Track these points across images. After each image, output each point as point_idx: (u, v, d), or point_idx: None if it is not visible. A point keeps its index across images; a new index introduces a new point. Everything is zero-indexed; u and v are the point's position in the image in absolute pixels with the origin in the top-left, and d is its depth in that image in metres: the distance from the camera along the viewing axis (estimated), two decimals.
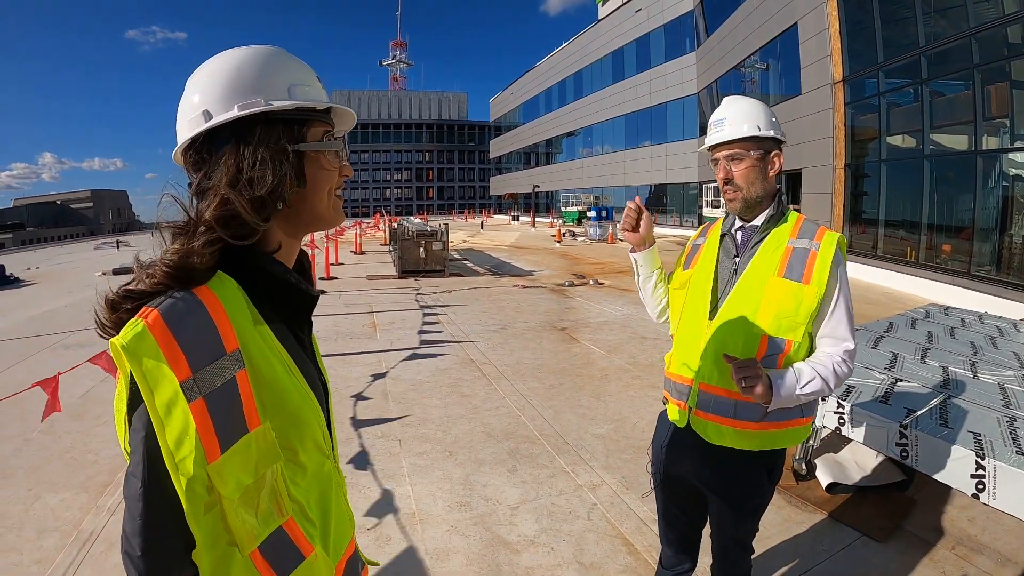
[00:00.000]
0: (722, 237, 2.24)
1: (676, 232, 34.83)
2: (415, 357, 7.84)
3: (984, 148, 12.22)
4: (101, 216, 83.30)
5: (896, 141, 15.69)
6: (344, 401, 6.07)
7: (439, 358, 7.81)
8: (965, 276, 12.23)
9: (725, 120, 2.12)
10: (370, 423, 5.52)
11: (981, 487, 3.01)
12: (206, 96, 1.02)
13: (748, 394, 1.91)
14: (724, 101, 2.19)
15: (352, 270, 17.91)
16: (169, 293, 0.92)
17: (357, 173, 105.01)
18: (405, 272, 16.23)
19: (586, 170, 51.13)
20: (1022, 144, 11.42)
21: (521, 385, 6.65)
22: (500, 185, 78.77)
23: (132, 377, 0.88)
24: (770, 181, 2.12)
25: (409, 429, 5.39)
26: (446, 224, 18.22)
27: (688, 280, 2.27)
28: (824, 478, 4.21)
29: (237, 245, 0.99)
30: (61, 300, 13.03)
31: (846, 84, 17.17)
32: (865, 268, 15.09)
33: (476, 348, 8.34)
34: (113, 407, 0.99)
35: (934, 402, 3.68)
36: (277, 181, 1.01)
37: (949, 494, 4.02)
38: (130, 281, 0.96)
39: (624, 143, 44.84)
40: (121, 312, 0.93)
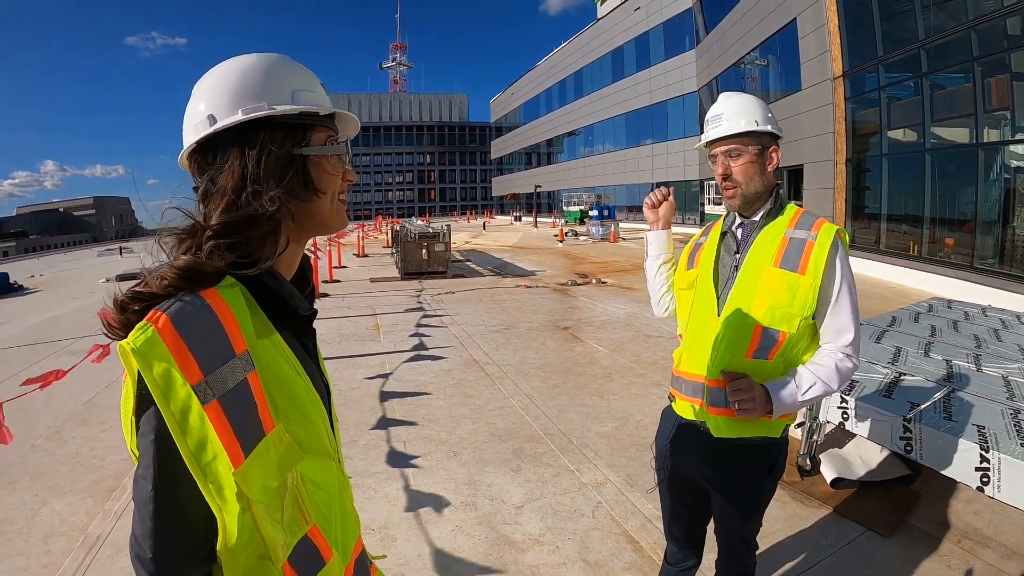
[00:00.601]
0: (723, 235, 2.25)
1: (678, 230, 34.75)
2: (419, 358, 7.85)
3: (985, 141, 12.19)
4: (104, 223, 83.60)
5: (897, 135, 15.66)
6: (348, 403, 6.07)
7: (443, 359, 7.81)
8: (968, 269, 12.21)
9: (722, 116, 2.12)
10: (374, 425, 5.53)
11: (986, 480, 3.01)
12: (211, 101, 1.04)
13: (743, 416, 1.94)
14: (720, 97, 2.19)
15: (355, 272, 17.95)
16: (178, 296, 0.92)
17: (359, 176, 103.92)
18: (408, 274, 16.24)
19: (587, 169, 51.13)
20: (1023, 136, 11.39)
21: (525, 385, 6.66)
22: (502, 186, 78.78)
23: (140, 381, 0.88)
24: (768, 176, 2.12)
25: (413, 430, 5.40)
26: (448, 225, 18.23)
27: (694, 280, 2.28)
28: (828, 473, 4.21)
29: (246, 273, 1.00)
30: (65, 307, 13.08)
31: (846, 79, 17.14)
32: (868, 263, 15.06)
33: (479, 348, 8.35)
34: (119, 412, 0.99)
35: (938, 396, 3.68)
36: (281, 184, 1.02)
37: (954, 488, 4.01)
38: (139, 283, 0.97)
39: (625, 142, 44.86)
40: (129, 314, 0.93)
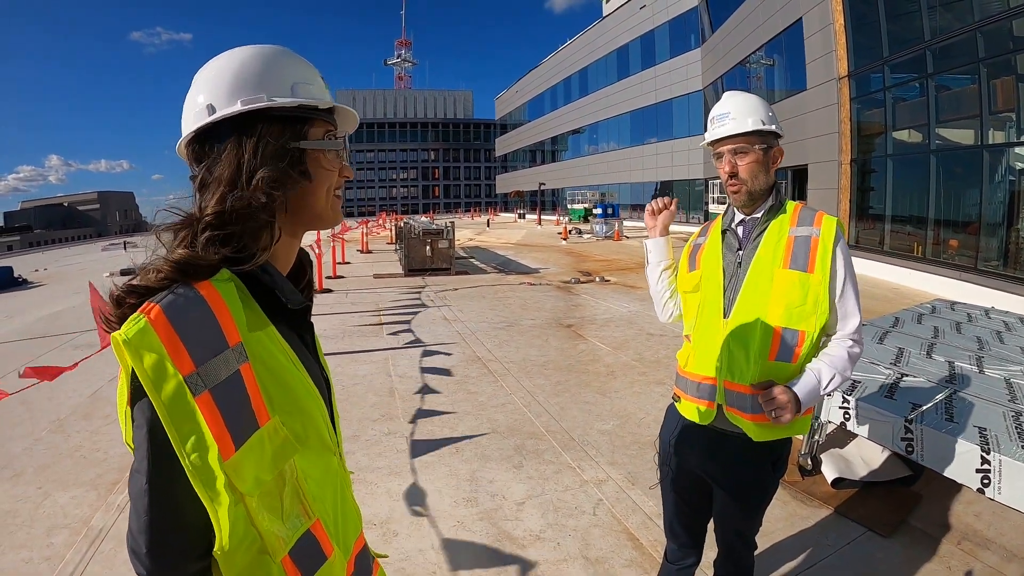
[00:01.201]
0: (723, 233, 2.27)
1: (682, 229, 34.59)
2: (421, 355, 7.86)
3: (991, 142, 12.15)
4: (108, 217, 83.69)
5: (902, 136, 15.62)
6: (351, 398, 6.09)
7: (446, 355, 7.83)
8: (972, 271, 12.17)
9: (729, 115, 2.13)
10: (377, 420, 5.54)
11: (987, 482, 3.01)
12: (211, 91, 1.04)
13: (778, 423, 1.97)
14: (724, 96, 2.20)
15: (359, 269, 17.98)
16: (172, 288, 0.93)
17: (363, 172, 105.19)
18: (412, 270, 16.26)
19: (592, 167, 51.07)
20: None
21: (527, 382, 6.67)
22: (506, 183, 78.76)
23: (133, 372, 0.89)
24: (771, 175, 2.14)
25: (416, 426, 5.42)
26: (452, 222, 18.24)
27: (698, 282, 2.28)
28: (829, 473, 4.21)
29: (241, 269, 1.00)
30: (69, 301, 13.10)
31: (851, 79, 17.09)
32: (872, 263, 15.03)
33: (482, 345, 8.36)
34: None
35: (940, 397, 3.68)
36: (277, 177, 1.02)
37: (955, 489, 4.01)
38: (135, 276, 0.97)
39: (630, 140, 44.78)
40: (125, 308, 0.93)
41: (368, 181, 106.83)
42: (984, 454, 3.00)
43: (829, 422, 4.11)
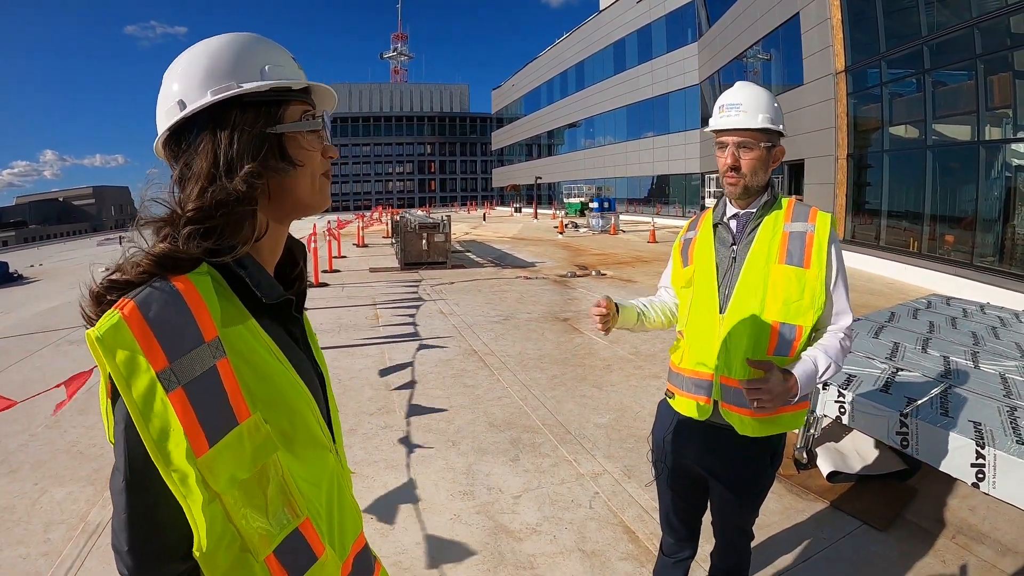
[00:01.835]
0: (715, 227, 2.26)
1: (679, 223, 34.75)
2: (418, 348, 7.86)
3: (987, 138, 12.19)
4: (103, 212, 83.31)
5: (899, 131, 15.65)
6: (347, 392, 6.09)
7: (442, 349, 7.83)
8: (967, 267, 12.21)
9: (740, 106, 2.11)
10: (373, 414, 5.55)
11: (981, 476, 3.03)
12: (181, 86, 1.02)
13: (760, 412, 2.01)
14: (737, 85, 2.18)
15: (355, 262, 17.95)
16: (149, 283, 0.91)
17: (359, 166, 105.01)
18: (408, 264, 16.24)
19: (588, 161, 51.05)
20: None
21: (524, 375, 6.68)
22: (502, 177, 78.66)
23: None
24: (769, 172, 2.14)
25: (412, 419, 5.42)
26: (448, 216, 18.20)
27: (691, 277, 2.28)
28: (825, 467, 4.22)
29: (221, 260, 0.98)
30: (65, 296, 13.05)
31: (848, 74, 17.11)
32: (867, 258, 15.05)
33: (479, 339, 8.37)
34: None
35: (935, 391, 3.69)
36: (256, 164, 1.00)
37: (950, 483, 4.02)
38: (114, 271, 0.96)
39: (626, 134, 44.79)
40: (105, 304, 0.91)
41: (364, 175, 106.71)
42: (979, 449, 3.02)
43: (824, 416, 4.13)
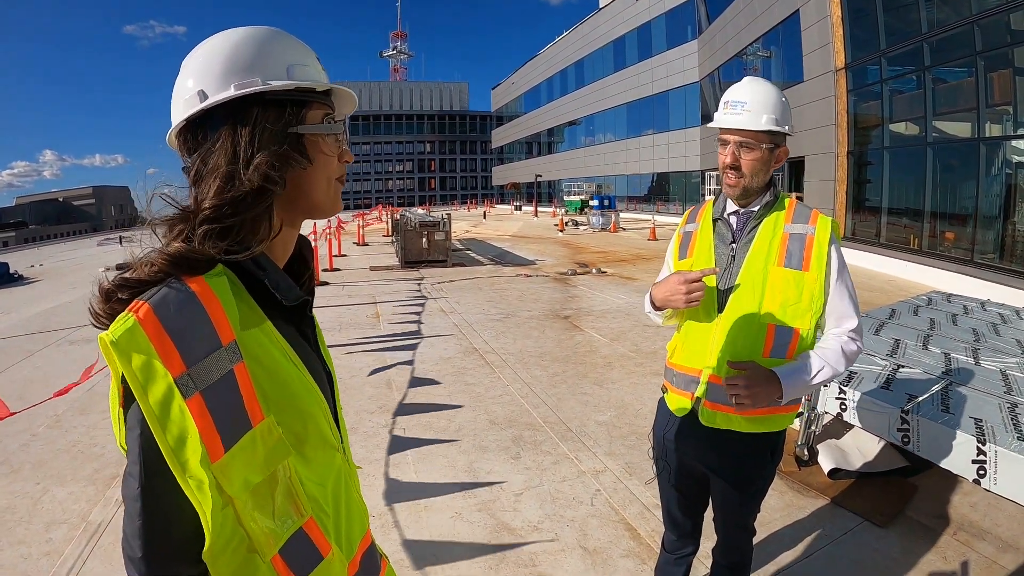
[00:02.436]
0: (714, 222, 2.24)
1: (670, 220, 34.72)
2: (419, 346, 7.87)
3: (987, 135, 12.17)
4: (104, 212, 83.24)
5: (899, 128, 15.63)
6: (348, 391, 6.09)
7: (443, 347, 7.83)
8: (968, 264, 12.20)
9: (745, 104, 2.06)
10: (374, 412, 5.55)
11: (982, 472, 3.03)
12: (202, 76, 0.99)
13: (740, 410, 2.00)
14: (745, 81, 2.12)
15: (355, 261, 17.95)
16: (164, 284, 0.89)
17: (359, 165, 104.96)
18: (408, 263, 16.24)
19: (588, 159, 51.01)
20: None
21: (524, 373, 6.68)
22: (502, 175, 78.62)
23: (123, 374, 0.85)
24: (771, 172, 2.12)
25: (413, 417, 5.42)
26: (449, 214, 18.19)
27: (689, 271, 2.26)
28: (826, 464, 4.22)
29: (236, 259, 0.96)
30: (65, 296, 13.07)
31: (848, 71, 17.10)
32: (868, 256, 15.05)
33: (479, 337, 8.37)
34: None
35: (936, 388, 3.69)
36: (275, 164, 0.97)
37: (951, 480, 4.02)
38: (127, 270, 0.94)
39: (626, 132, 44.74)
40: (115, 302, 0.90)
41: (364, 173, 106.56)
42: (980, 445, 3.02)
43: (826, 413, 4.13)
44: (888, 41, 15.27)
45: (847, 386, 3.84)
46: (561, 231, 28.45)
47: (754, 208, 2.14)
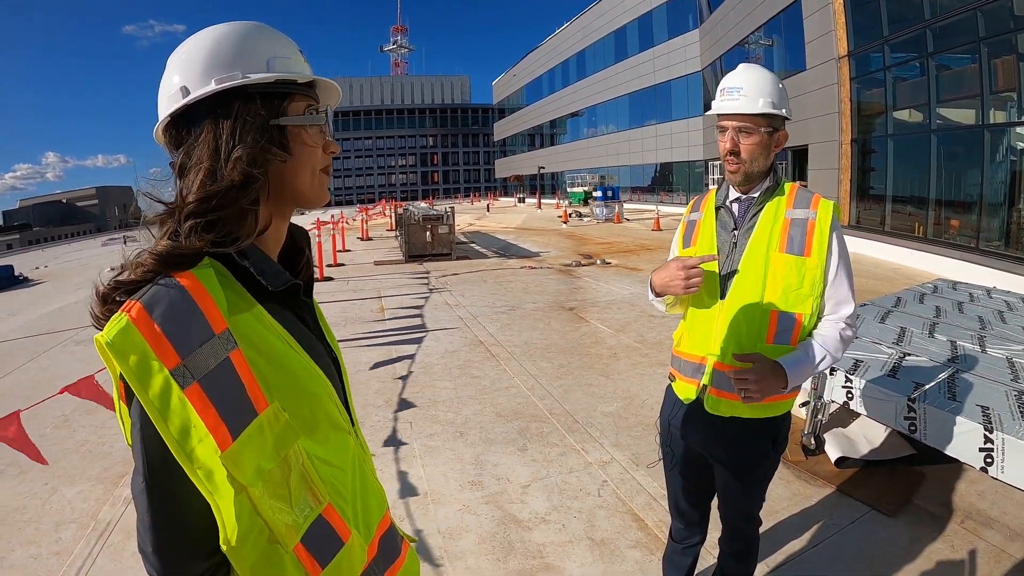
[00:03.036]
0: (717, 210, 2.24)
1: (683, 211, 34.49)
2: (424, 340, 7.88)
3: (991, 122, 12.09)
4: (107, 212, 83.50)
5: (903, 116, 15.54)
6: (354, 385, 6.08)
7: (448, 340, 7.85)
8: (973, 251, 12.14)
9: (741, 90, 2.07)
10: (380, 406, 5.57)
11: (989, 460, 3.03)
12: (185, 73, 1.01)
13: (748, 402, 1.99)
14: (740, 67, 2.14)
15: (359, 256, 17.98)
16: (154, 282, 0.90)
17: (361, 160, 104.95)
18: (412, 256, 16.25)
19: (591, 150, 50.84)
20: None
21: (530, 365, 6.68)
22: (505, 167, 78.51)
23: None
24: (771, 157, 2.12)
25: (420, 411, 5.44)
26: (452, 208, 18.20)
27: None
28: (833, 452, 4.22)
29: (224, 251, 0.97)
30: (70, 297, 13.12)
31: (851, 59, 16.99)
32: (873, 244, 15.00)
33: (485, 329, 8.38)
34: None
35: (942, 376, 3.69)
36: (257, 156, 0.99)
37: (958, 468, 4.02)
38: (119, 272, 0.96)
39: (629, 122, 44.55)
40: (111, 304, 0.91)
41: (367, 168, 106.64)
42: (987, 433, 3.02)
43: (832, 401, 4.12)
44: (891, 28, 15.17)
45: (853, 374, 3.83)
46: (565, 223, 28.42)
47: (755, 194, 2.14)
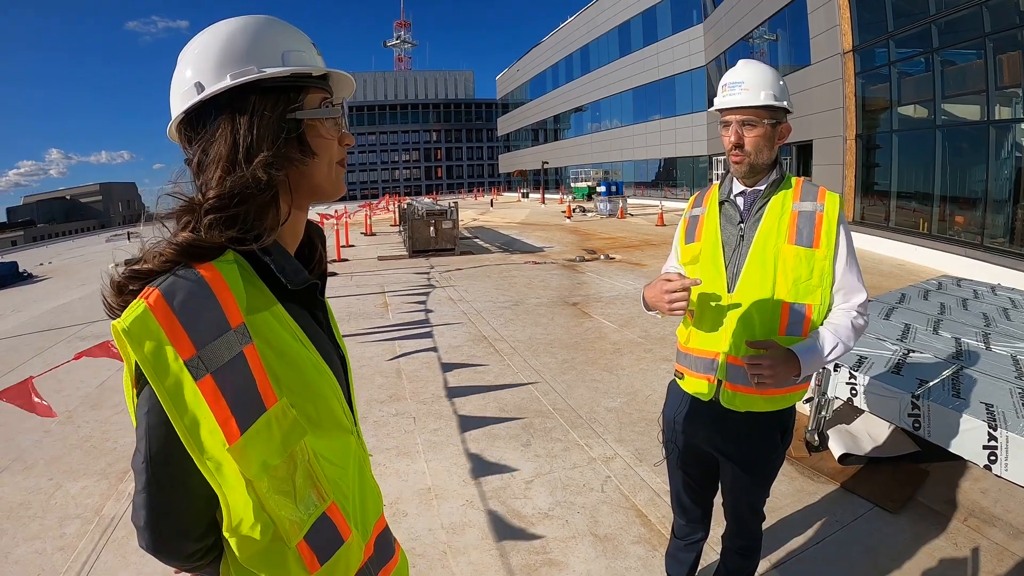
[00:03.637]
0: (721, 204, 2.25)
1: (676, 205, 34.54)
2: (428, 335, 7.89)
3: (997, 118, 12.03)
4: (111, 209, 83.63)
5: (907, 111, 15.47)
6: (358, 380, 6.10)
7: (452, 335, 7.85)
8: (978, 248, 12.09)
9: (742, 84, 2.09)
10: (384, 401, 5.58)
11: (993, 458, 3.02)
12: (198, 68, 1.00)
13: (761, 389, 1.99)
14: (740, 63, 2.16)
15: (363, 251, 17.97)
16: (173, 271, 0.91)
17: (366, 155, 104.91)
18: (416, 252, 16.26)
19: (595, 145, 50.73)
20: None
21: (534, 360, 6.69)
22: (509, 162, 78.36)
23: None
24: (775, 149, 2.13)
25: (423, 406, 5.45)
26: (456, 203, 18.18)
27: (698, 254, 2.26)
28: (837, 449, 4.22)
29: (245, 249, 0.97)
30: (75, 293, 13.16)
31: (856, 54, 16.91)
32: (877, 240, 14.96)
33: (488, 324, 8.38)
34: None
35: (946, 373, 3.67)
36: (275, 150, 0.99)
37: (962, 466, 4.02)
38: (136, 261, 0.95)
39: (633, 117, 44.41)
40: (127, 294, 0.92)
41: (371, 164, 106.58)
42: (991, 431, 3.01)
43: (836, 398, 4.12)
44: (896, 23, 15.09)
45: (857, 371, 3.83)
46: (568, 218, 28.39)
47: (760, 187, 2.14)
